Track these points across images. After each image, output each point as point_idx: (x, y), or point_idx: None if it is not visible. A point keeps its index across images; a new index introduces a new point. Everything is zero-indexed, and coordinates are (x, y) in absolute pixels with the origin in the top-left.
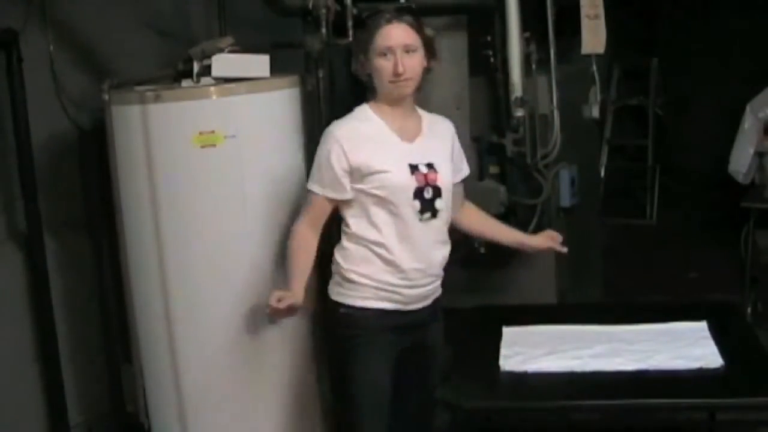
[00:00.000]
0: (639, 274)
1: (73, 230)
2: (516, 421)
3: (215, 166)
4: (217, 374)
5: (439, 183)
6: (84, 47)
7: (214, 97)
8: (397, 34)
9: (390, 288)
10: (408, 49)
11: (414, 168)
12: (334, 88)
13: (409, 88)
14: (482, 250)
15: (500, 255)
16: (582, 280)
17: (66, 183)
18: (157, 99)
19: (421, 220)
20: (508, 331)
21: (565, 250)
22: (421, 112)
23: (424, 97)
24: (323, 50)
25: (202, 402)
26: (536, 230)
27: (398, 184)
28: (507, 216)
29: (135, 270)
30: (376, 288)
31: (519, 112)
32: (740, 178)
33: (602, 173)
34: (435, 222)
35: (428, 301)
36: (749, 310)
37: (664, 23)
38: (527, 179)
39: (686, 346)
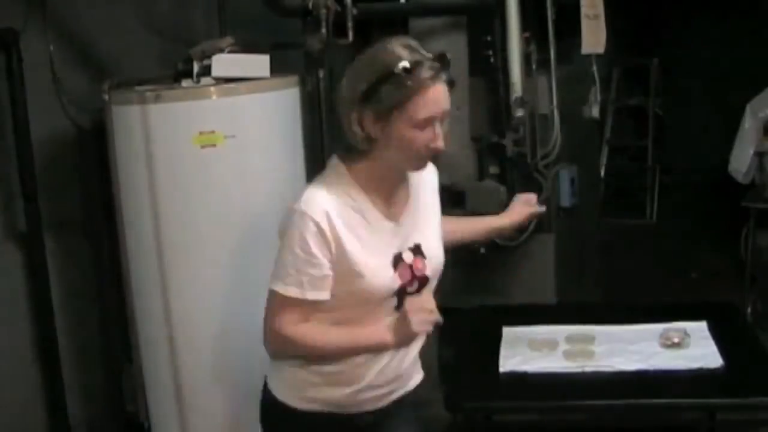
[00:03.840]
0: (639, 274)
1: (73, 230)
2: (516, 421)
3: (215, 166)
4: (217, 374)
5: (429, 272)
6: (84, 47)
7: (214, 97)
8: (442, 99)
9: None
10: (445, 117)
11: (398, 260)
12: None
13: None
14: (482, 250)
15: (500, 255)
16: (582, 280)
17: (66, 183)
18: (157, 99)
19: (393, 313)
20: (508, 331)
21: (543, 208)
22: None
23: None
24: (323, 50)
25: (201, 402)
26: (536, 230)
27: (378, 288)
28: None
29: (135, 270)
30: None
31: (519, 112)
32: (740, 178)
33: (602, 173)
34: None
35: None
36: (749, 310)
37: (664, 23)
38: (527, 179)
39: (686, 346)
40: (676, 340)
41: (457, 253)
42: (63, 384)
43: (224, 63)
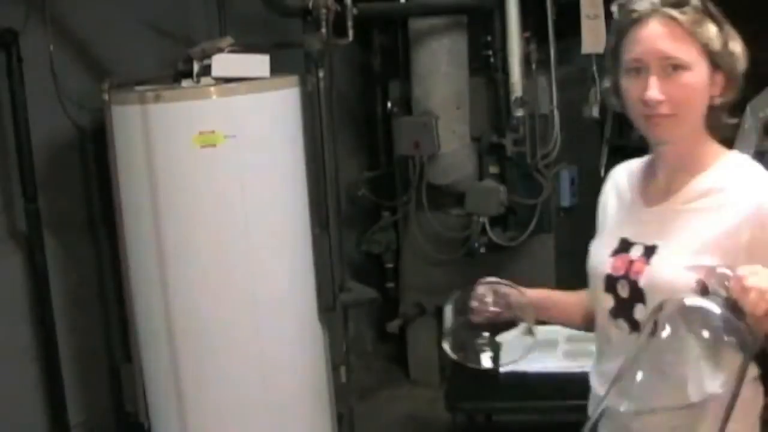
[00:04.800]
0: None
1: (73, 230)
2: (516, 421)
3: (215, 166)
4: (218, 374)
5: (644, 281)
6: (84, 47)
7: (214, 97)
8: (653, 38)
9: None
10: (666, 62)
11: (623, 246)
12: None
13: (667, 129)
14: (482, 250)
15: (500, 255)
16: (582, 280)
17: (66, 183)
18: (157, 99)
19: (616, 326)
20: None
21: None
22: (713, 168)
23: (424, 96)
24: (323, 50)
25: (202, 402)
26: (536, 230)
27: (590, 264)
28: (507, 216)
29: (135, 270)
30: None
31: (519, 112)
32: None
33: (602, 173)
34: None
35: None
36: None
37: None
38: (527, 179)
39: None
40: None
41: (456, 252)
42: (63, 384)
43: (224, 63)
